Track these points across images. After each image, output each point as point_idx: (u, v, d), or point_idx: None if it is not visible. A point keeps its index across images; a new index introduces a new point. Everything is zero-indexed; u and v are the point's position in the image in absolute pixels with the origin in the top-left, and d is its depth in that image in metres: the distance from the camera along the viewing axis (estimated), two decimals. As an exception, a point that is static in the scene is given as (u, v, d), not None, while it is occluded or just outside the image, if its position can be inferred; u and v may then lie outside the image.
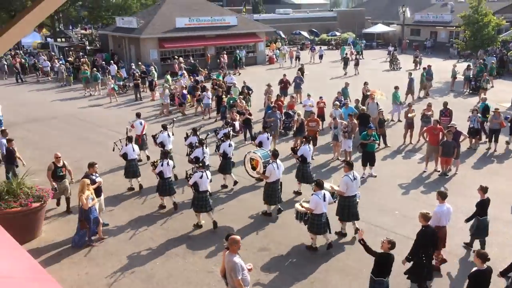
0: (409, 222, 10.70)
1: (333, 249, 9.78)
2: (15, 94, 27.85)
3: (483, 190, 9.36)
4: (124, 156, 12.93)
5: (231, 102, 19.78)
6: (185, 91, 22.83)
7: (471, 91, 25.87)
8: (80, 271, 9.14)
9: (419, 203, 11.92)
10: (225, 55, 34.82)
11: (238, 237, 6.88)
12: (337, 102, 17.42)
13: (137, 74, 26.87)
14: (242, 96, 20.13)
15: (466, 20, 33.48)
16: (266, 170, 11.18)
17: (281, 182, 11.49)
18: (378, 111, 16.86)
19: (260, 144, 13.39)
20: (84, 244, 10.05)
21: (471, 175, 14.15)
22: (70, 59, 35.38)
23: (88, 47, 45.01)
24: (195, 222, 10.94)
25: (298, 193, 12.74)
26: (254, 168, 12.46)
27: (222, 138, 13.50)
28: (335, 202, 10.26)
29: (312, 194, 9.60)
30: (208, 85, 24.34)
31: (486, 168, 14.77)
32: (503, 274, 7.56)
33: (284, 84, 23.79)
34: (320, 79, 30.27)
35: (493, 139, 16.10)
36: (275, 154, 11.31)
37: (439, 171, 14.25)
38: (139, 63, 31.00)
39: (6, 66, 33.62)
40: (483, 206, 9.34)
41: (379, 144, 15.99)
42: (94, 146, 17.25)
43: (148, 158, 15.05)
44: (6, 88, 30.20)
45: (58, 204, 11.94)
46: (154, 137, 14.24)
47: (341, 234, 10.38)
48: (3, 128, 16.22)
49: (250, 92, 22.04)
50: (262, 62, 39.51)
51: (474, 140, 16.49)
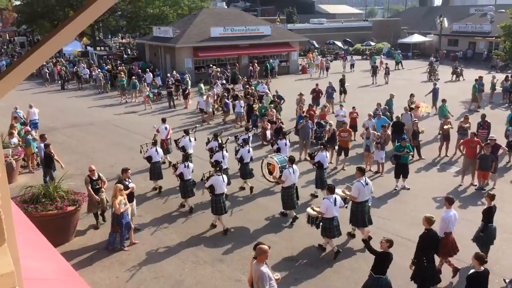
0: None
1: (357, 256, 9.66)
2: (56, 101, 28.84)
3: (490, 197, 9.37)
4: (148, 158, 13.55)
5: (263, 111, 19.84)
6: (228, 100, 22.94)
7: (510, 103, 25.02)
8: (111, 275, 9.32)
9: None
10: (255, 64, 35.06)
11: (266, 246, 6.86)
12: (370, 113, 17.21)
13: (170, 82, 27.37)
14: (272, 105, 20.16)
15: (506, 30, 32.50)
16: (282, 175, 11.52)
17: (296, 187, 11.76)
18: (413, 123, 16.52)
19: (278, 150, 13.84)
20: (114, 247, 10.24)
21: (509, 189, 13.63)
22: (108, 67, 36.39)
23: (125, 56, 46.23)
24: (215, 223, 11.42)
25: (315, 196, 13.13)
26: (271, 172, 12.89)
27: (241, 144, 13.94)
28: (346, 207, 10.58)
29: (323, 198, 9.93)
30: (239, 93, 24.51)
31: (526, 183, 14.22)
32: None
33: (316, 93, 23.69)
34: (352, 89, 29.97)
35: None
36: (291, 160, 11.71)
37: (475, 185, 13.81)
38: (174, 71, 31.60)
39: (48, 73, 34.80)
40: (489, 214, 9.33)
41: (413, 156, 15.66)
42: (128, 152, 17.63)
43: (169, 163, 15.15)
44: (48, 94, 31.32)
45: (97, 219, 11.50)
46: (177, 141, 14.94)
47: (350, 235, 10.66)
48: (30, 129, 16.82)
49: (282, 101, 22.04)
50: (295, 72, 39.50)
51: (513, 154, 15.92)
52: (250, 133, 15.77)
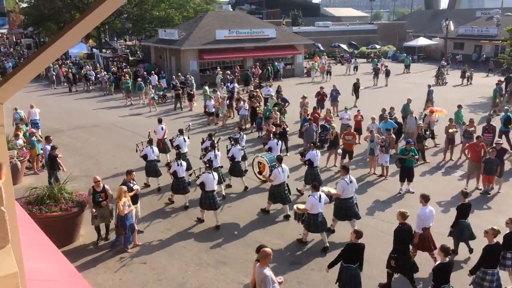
0: (447, 240, 10.32)
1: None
2: (61, 102, 28.99)
3: (464, 194, 10.01)
4: (144, 157, 13.97)
5: (267, 113, 19.84)
6: (232, 102, 22.91)
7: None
8: (114, 276, 9.33)
9: (458, 222, 11.48)
10: (258, 67, 35.07)
11: (269, 249, 6.86)
12: (374, 116, 17.18)
13: (178, 85, 27.44)
14: (277, 108, 20.15)
15: (513, 34, 32.42)
16: (271, 174, 11.93)
17: (287, 184, 12.09)
18: (417, 126, 16.48)
19: (269, 149, 14.18)
20: (118, 248, 10.26)
21: (515, 194, 13.55)
22: (113, 69, 36.54)
23: (131, 58, 46.40)
24: (199, 217, 11.84)
25: (301, 192, 13.37)
26: (261, 172, 13.34)
27: (232, 143, 14.28)
28: (331, 203, 10.92)
29: (308, 196, 10.33)
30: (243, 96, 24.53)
31: (531, 187, 14.13)
32: (472, 272, 8.06)
33: (321, 96, 23.67)
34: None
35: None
36: (279, 159, 12.13)
37: (480, 189, 13.74)
38: (179, 73, 31.70)
39: (54, 76, 34.94)
40: (463, 210, 9.84)
41: (417, 160, 15.62)
42: (133, 154, 17.59)
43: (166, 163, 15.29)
44: (55, 96, 31.48)
45: (99, 233, 10.81)
46: (171, 140, 15.48)
47: (329, 230, 10.88)
48: (35, 130, 16.92)
49: (286, 104, 22.02)
50: (300, 74, 39.49)
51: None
52: (243, 132, 16.07)
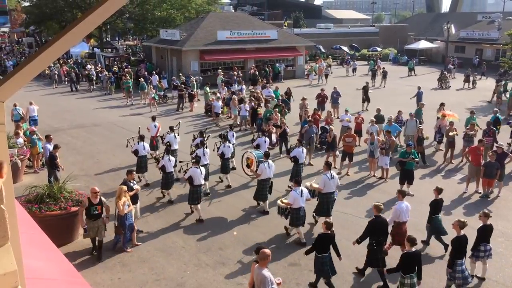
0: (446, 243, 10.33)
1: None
2: (62, 101, 28.99)
3: (438, 190, 10.45)
4: (135, 152, 14.38)
5: (268, 115, 19.84)
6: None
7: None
8: (113, 276, 9.33)
9: (458, 225, 11.48)
10: (255, 69, 35.07)
11: (268, 251, 6.87)
12: (373, 118, 17.21)
13: (182, 85, 27.45)
14: (277, 109, 20.15)
15: (514, 38, 32.42)
16: (258, 169, 12.46)
17: (272, 182, 12.60)
18: (417, 129, 16.48)
19: (257, 146, 14.63)
20: (117, 248, 10.27)
21: (515, 198, 13.55)
22: (114, 68, 36.54)
23: (132, 58, 46.43)
24: (190, 211, 12.24)
25: (292, 189, 13.60)
26: (249, 166, 14.02)
27: (222, 140, 14.75)
28: (315, 198, 11.41)
29: (291, 191, 10.83)
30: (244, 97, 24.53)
31: (531, 192, 14.13)
32: (450, 266, 8.44)
33: (321, 98, 23.67)
34: (353, 92, 30.00)
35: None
36: (266, 155, 12.73)
37: (480, 193, 13.74)
38: (180, 74, 31.70)
39: (56, 75, 34.88)
40: (435, 206, 10.30)
41: (417, 162, 15.63)
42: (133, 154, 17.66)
43: (155, 158, 15.52)
44: (56, 95, 31.47)
45: (94, 244, 10.15)
46: (162, 137, 16.03)
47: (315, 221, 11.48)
48: (35, 129, 16.92)
49: (287, 105, 22.03)
50: (301, 76, 39.49)
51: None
52: (233, 130, 16.63)
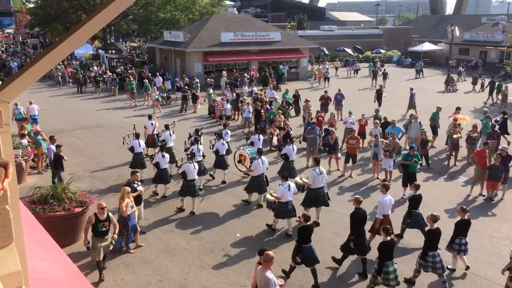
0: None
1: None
2: (66, 103, 29.07)
3: (416, 187, 11.02)
4: (131, 149, 14.79)
5: (271, 116, 19.85)
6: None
7: None
8: (116, 277, 9.35)
9: (461, 228, 11.44)
10: (255, 71, 35.08)
11: (272, 253, 6.87)
12: (377, 120, 17.18)
13: (186, 87, 27.49)
14: (281, 111, 20.16)
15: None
16: (252, 165, 12.85)
17: (266, 176, 13.04)
18: (421, 131, 16.44)
19: (252, 144, 15.02)
20: (120, 249, 10.28)
21: (519, 201, 13.49)
22: (118, 70, 36.63)
23: (136, 59, 46.55)
24: (179, 206, 12.61)
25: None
26: (241, 161, 14.39)
27: (216, 138, 15.19)
28: (302, 192, 11.93)
29: (279, 185, 11.21)
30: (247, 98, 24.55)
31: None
32: (422, 257, 8.88)
33: (325, 100, 23.66)
34: (355, 92, 30.04)
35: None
36: (259, 152, 13.20)
37: (484, 195, 13.68)
38: (184, 75, 31.76)
39: (60, 76, 34.96)
40: (414, 201, 10.79)
41: (421, 165, 15.60)
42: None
43: (150, 156, 16.19)
44: (61, 97, 31.55)
45: (100, 269, 9.20)
46: (158, 135, 16.64)
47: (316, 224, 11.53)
48: (38, 128, 17.02)
49: (290, 107, 22.03)
50: (304, 78, 39.46)
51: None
52: (227, 128, 17.02)
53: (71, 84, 35.58)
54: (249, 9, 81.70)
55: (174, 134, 16.22)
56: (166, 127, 16.04)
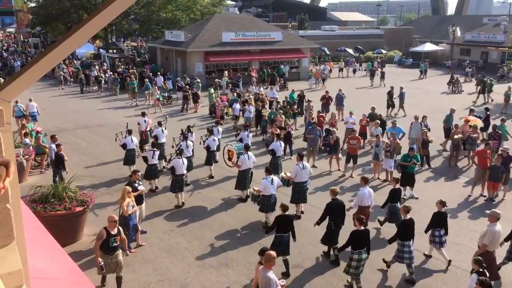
0: (450, 247, 10.29)
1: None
2: (68, 102, 29.09)
3: (396, 180, 11.58)
4: (124, 146, 15.12)
5: (272, 116, 19.85)
6: (237, 105, 22.87)
7: None
8: (117, 276, 9.33)
9: (462, 228, 11.46)
10: (254, 71, 35.08)
11: (274, 253, 6.87)
12: (377, 121, 17.17)
13: (186, 86, 27.50)
14: (282, 111, 20.15)
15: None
16: (238, 160, 13.16)
17: (252, 172, 13.39)
18: (422, 132, 16.42)
19: (241, 140, 15.37)
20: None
21: (520, 202, 13.47)
22: (119, 69, 36.62)
23: (137, 59, 46.56)
24: (176, 204, 12.79)
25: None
26: (230, 158, 14.67)
27: (207, 134, 15.73)
28: (287, 187, 12.32)
29: (262, 179, 11.43)
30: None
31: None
32: (390, 242, 9.50)
33: (326, 100, 23.65)
34: (354, 92, 30.03)
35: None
36: (246, 147, 13.53)
37: (485, 196, 13.67)
38: (185, 75, 31.76)
39: (62, 76, 34.92)
40: (394, 195, 11.16)
41: (422, 166, 15.61)
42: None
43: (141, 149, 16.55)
44: (61, 96, 31.55)
45: (103, 284, 8.88)
46: (150, 131, 17.05)
47: (296, 217, 11.83)
48: (37, 127, 17.05)
49: (296, 108, 22.01)
50: (305, 78, 39.44)
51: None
52: (219, 125, 17.51)
53: (72, 83, 35.56)
54: (250, 9, 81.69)
55: (167, 130, 16.54)
56: (159, 123, 16.48)
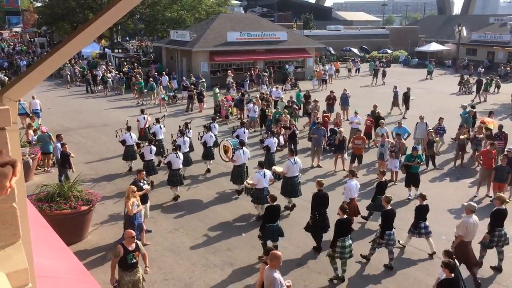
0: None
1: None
2: (73, 101, 29.21)
3: (382, 173, 12.03)
4: (123, 142, 15.57)
5: (277, 116, 19.83)
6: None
7: None
8: (121, 275, 9.36)
9: (468, 229, 11.37)
10: (257, 70, 35.10)
11: (279, 252, 6.87)
12: (382, 121, 17.11)
13: (192, 86, 27.55)
14: (287, 111, 20.13)
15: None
16: (234, 155, 13.68)
17: (246, 167, 13.82)
18: (428, 132, 16.36)
19: (237, 137, 15.69)
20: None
21: (526, 203, 13.37)
22: (124, 69, 36.72)
23: (142, 58, 46.68)
24: (173, 196, 13.26)
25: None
26: (226, 153, 15.11)
27: (204, 130, 16.18)
28: (278, 181, 12.93)
29: (255, 172, 11.95)
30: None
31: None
32: (382, 236, 9.67)
33: (331, 100, 23.60)
34: (357, 90, 29.97)
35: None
36: (242, 143, 14.07)
37: (490, 197, 13.60)
38: (191, 75, 31.83)
39: (68, 75, 35.00)
40: (380, 187, 11.55)
41: (426, 166, 15.55)
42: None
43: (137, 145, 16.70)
44: (67, 95, 31.69)
45: None
46: (149, 128, 17.61)
47: (287, 208, 12.41)
48: (43, 127, 17.13)
49: (297, 107, 21.99)
50: (308, 78, 39.37)
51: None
52: (216, 122, 18.06)
53: (78, 83, 35.68)
54: (255, 8, 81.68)
55: (165, 127, 17.07)
56: (157, 120, 17.12)
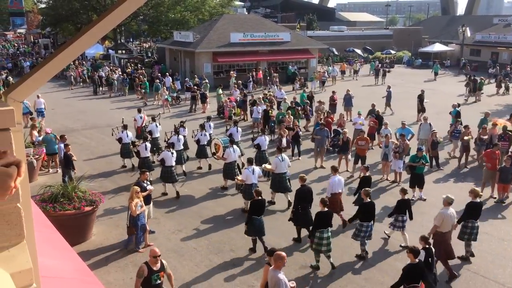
0: (460, 250, 10.21)
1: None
2: (78, 103, 29.29)
3: (366, 169, 12.33)
4: (119, 140, 15.98)
5: (280, 117, 19.82)
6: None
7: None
8: (125, 276, 9.40)
9: (472, 231, 11.32)
10: (260, 71, 35.12)
11: (283, 253, 6.86)
12: (386, 121, 17.07)
13: (195, 87, 27.59)
14: (291, 112, 20.12)
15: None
16: (224, 153, 14.03)
17: (237, 164, 14.28)
18: (432, 132, 16.30)
19: (230, 135, 15.88)
20: (129, 248, 10.33)
21: (530, 204, 13.33)
22: (128, 70, 36.79)
23: (146, 59, 46.76)
24: (162, 191, 13.59)
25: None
26: (216, 151, 15.59)
27: (199, 129, 16.47)
28: (267, 179, 13.54)
29: (244, 169, 12.51)
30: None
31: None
32: (351, 221, 10.56)
33: (334, 101, 23.57)
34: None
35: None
36: (232, 141, 14.43)
37: (495, 198, 13.55)
38: (195, 75, 31.85)
39: (72, 77, 35.08)
40: (365, 181, 11.75)
41: (431, 166, 15.50)
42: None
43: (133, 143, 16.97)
44: (73, 97, 31.77)
45: None
46: (145, 126, 17.97)
47: (271, 203, 12.84)
48: (47, 129, 17.16)
49: (300, 108, 21.97)
50: (313, 78, 39.33)
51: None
52: (210, 121, 18.17)
53: (82, 84, 35.78)
54: (258, 9, 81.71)
55: (160, 125, 17.51)
56: (153, 119, 17.48)
